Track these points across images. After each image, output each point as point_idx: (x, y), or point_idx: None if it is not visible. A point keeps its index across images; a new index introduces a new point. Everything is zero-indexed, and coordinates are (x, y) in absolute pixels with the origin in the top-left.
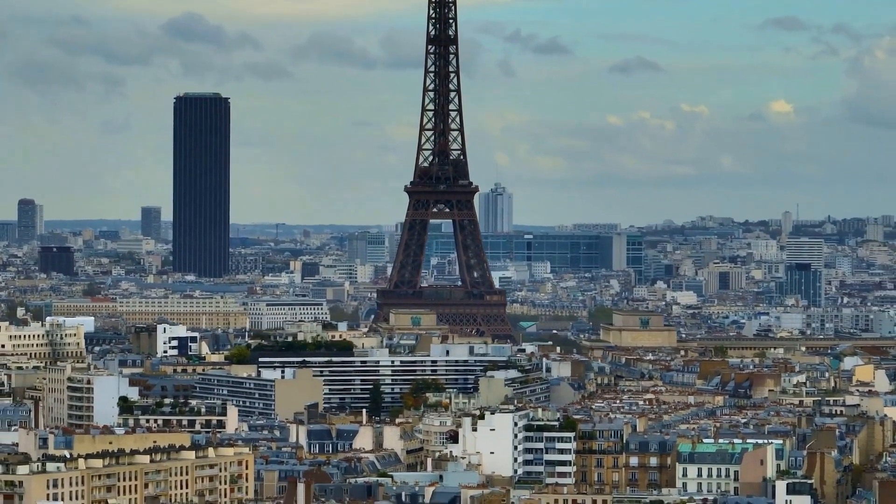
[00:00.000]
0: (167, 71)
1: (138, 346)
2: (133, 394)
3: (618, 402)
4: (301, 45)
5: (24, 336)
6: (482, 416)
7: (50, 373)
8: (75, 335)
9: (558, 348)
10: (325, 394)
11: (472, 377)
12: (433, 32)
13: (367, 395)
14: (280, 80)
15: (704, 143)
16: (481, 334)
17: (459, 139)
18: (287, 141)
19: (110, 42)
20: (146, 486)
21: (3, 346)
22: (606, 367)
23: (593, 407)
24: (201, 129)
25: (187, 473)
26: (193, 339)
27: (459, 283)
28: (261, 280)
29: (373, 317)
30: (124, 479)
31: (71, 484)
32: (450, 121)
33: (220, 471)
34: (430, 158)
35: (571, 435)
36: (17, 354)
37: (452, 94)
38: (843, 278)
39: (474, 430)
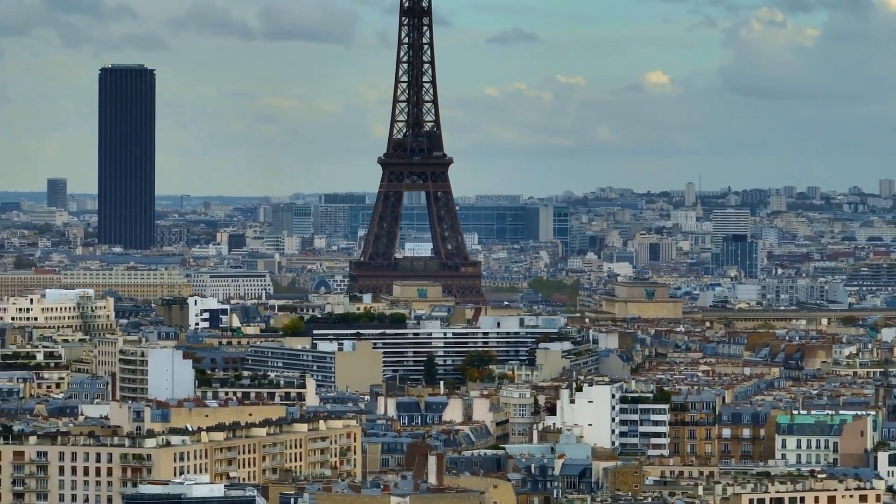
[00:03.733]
0: (45, 42)
1: (169, 318)
2: (188, 367)
3: (675, 373)
4: (179, 16)
5: (56, 308)
6: (580, 388)
7: (100, 345)
8: (105, 307)
9: (586, 319)
10: None
11: (524, 349)
12: (407, 4)
13: (421, 367)
14: (158, 52)
15: (581, 114)
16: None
17: (433, 111)
18: (174, 111)
19: None
20: (263, 458)
21: (35, 318)
22: (647, 338)
23: (657, 378)
24: (126, 100)
25: (301, 446)
26: (224, 312)
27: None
28: (189, 252)
29: (322, 288)
30: (244, 452)
31: (195, 457)
32: (423, 92)
33: (331, 443)
34: (404, 130)
35: (666, 407)
36: (49, 327)
37: (426, 66)
38: (771, 249)
39: (572, 402)
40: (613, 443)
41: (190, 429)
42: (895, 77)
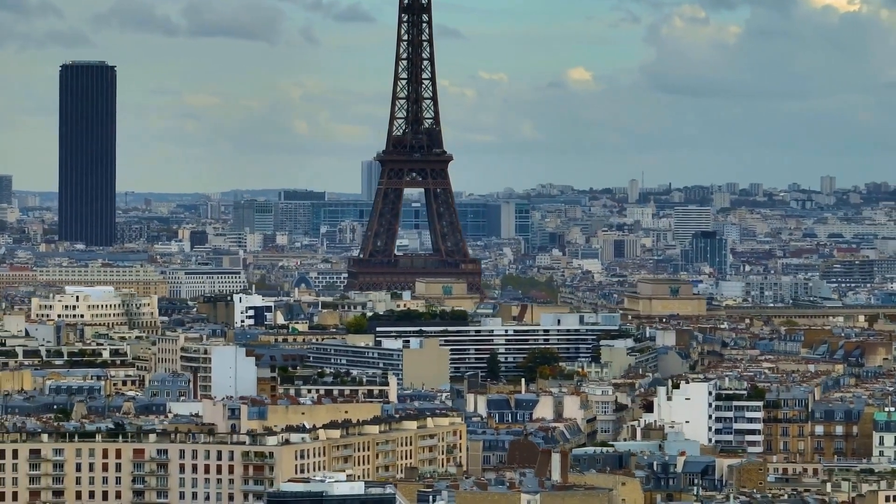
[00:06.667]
0: None
1: (214, 315)
2: (250, 364)
3: (742, 370)
4: (102, 12)
5: (102, 306)
6: (677, 386)
7: (161, 342)
8: (149, 305)
9: (630, 316)
10: None
11: (585, 346)
12: (406, 1)
13: (484, 364)
14: (82, 48)
15: (504, 111)
16: None
17: (432, 108)
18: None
19: None
20: (376, 456)
21: (82, 315)
22: (699, 336)
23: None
24: (86, 97)
25: (410, 444)
26: (269, 309)
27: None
28: (153, 248)
29: (302, 285)
30: (359, 450)
31: (314, 455)
32: (423, 89)
33: (439, 441)
34: (403, 127)
35: (760, 404)
36: (97, 324)
37: (425, 63)
38: (733, 246)
39: (669, 399)
40: (710, 440)
41: (306, 427)
42: (818, 74)
